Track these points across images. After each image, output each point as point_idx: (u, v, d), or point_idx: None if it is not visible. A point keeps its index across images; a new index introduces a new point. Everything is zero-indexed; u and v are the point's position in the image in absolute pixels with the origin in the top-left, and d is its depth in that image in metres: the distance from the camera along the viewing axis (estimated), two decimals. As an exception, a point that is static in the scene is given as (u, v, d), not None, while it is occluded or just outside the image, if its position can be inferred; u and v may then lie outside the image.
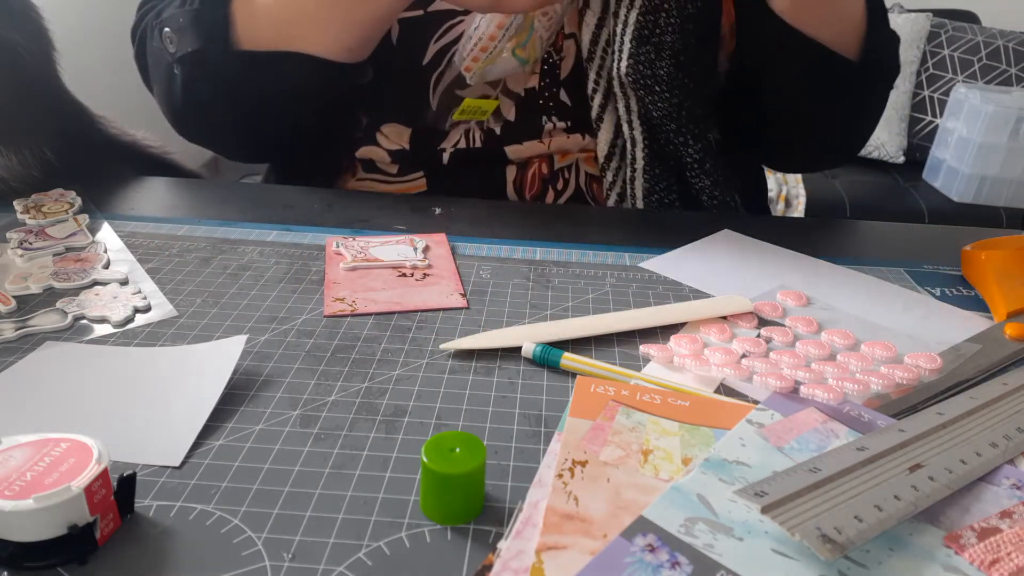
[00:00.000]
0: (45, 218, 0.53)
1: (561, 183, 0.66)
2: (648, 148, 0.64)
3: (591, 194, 0.67)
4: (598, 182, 0.66)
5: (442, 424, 0.34)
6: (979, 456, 0.31)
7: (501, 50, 0.60)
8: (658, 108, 0.62)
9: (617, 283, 0.48)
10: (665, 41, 0.61)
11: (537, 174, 0.65)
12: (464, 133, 0.64)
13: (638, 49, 0.61)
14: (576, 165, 0.66)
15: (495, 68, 0.61)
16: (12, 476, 0.26)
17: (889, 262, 0.53)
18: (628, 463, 0.30)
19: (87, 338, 0.40)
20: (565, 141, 0.65)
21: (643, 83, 0.61)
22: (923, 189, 2.06)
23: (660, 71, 0.61)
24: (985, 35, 2.21)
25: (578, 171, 0.66)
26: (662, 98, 0.62)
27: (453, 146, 0.64)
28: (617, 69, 0.62)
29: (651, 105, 0.62)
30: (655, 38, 0.61)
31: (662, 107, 0.62)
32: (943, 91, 2.17)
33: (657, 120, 0.62)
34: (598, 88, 0.63)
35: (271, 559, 0.27)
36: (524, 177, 0.65)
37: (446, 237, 0.53)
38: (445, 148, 0.64)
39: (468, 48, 0.60)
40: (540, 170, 0.65)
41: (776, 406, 0.34)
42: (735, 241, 0.55)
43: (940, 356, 0.40)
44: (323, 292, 0.45)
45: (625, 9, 0.61)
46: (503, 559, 0.26)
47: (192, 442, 0.32)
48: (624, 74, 0.61)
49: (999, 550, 0.26)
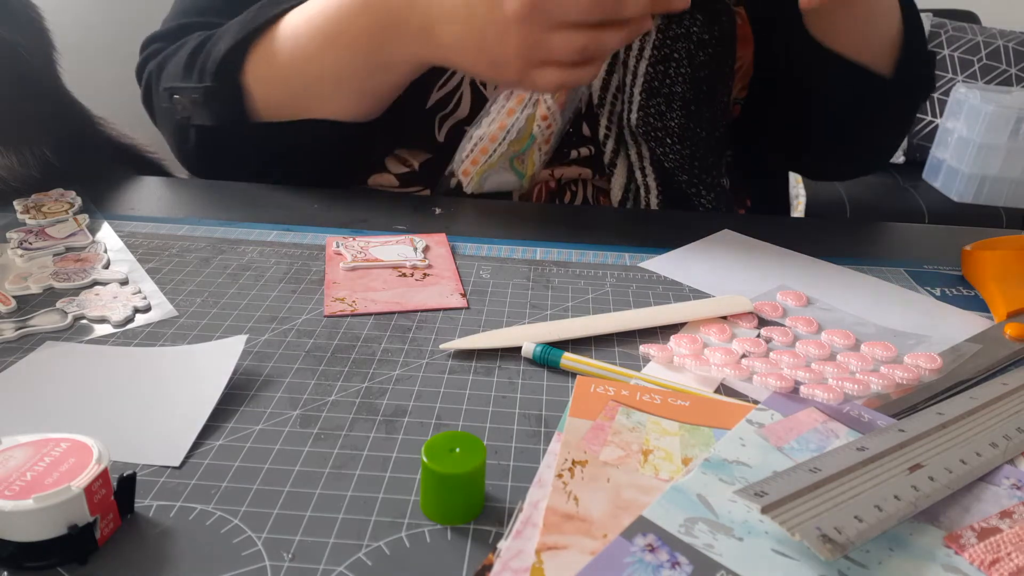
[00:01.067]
0: (45, 218, 0.53)
1: (569, 196, 0.66)
2: (662, 195, 0.63)
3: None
4: (605, 195, 0.66)
5: (442, 424, 0.34)
6: (979, 456, 0.31)
7: (499, 155, 0.59)
8: (669, 159, 0.62)
9: (617, 283, 0.48)
10: (675, 92, 0.60)
11: (544, 189, 0.65)
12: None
13: (648, 101, 0.60)
14: (578, 180, 0.66)
15: (492, 177, 0.61)
16: (12, 476, 0.26)
17: (889, 262, 0.53)
18: (628, 463, 0.30)
19: (87, 338, 0.40)
20: (582, 171, 0.64)
21: (654, 135, 0.61)
22: (923, 189, 2.06)
23: (671, 123, 0.60)
24: (985, 35, 2.21)
25: (585, 185, 0.66)
26: (673, 150, 0.61)
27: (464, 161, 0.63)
28: (627, 120, 0.61)
29: (663, 156, 0.61)
30: (665, 89, 0.60)
31: (674, 158, 0.62)
32: (943, 91, 2.17)
33: (670, 169, 0.62)
34: (610, 134, 0.62)
35: (271, 559, 0.27)
36: (530, 195, 0.65)
37: (446, 237, 0.53)
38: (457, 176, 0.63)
39: (467, 150, 0.59)
40: (547, 186, 0.65)
41: (776, 406, 0.34)
42: (735, 241, 0.55)
43: (940, 356, 0.40)
44: (323, 292, 0.45)
45: (634, 59, 0.60)
46: (503, 559, 0.26)
47: (192, 442, 0.32)
48: (635, 125, 0.60)
49: (999, 550, 0.26)
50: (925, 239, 0.59)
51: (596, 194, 0.66)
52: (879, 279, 0.50)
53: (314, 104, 0.57)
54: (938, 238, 0.59)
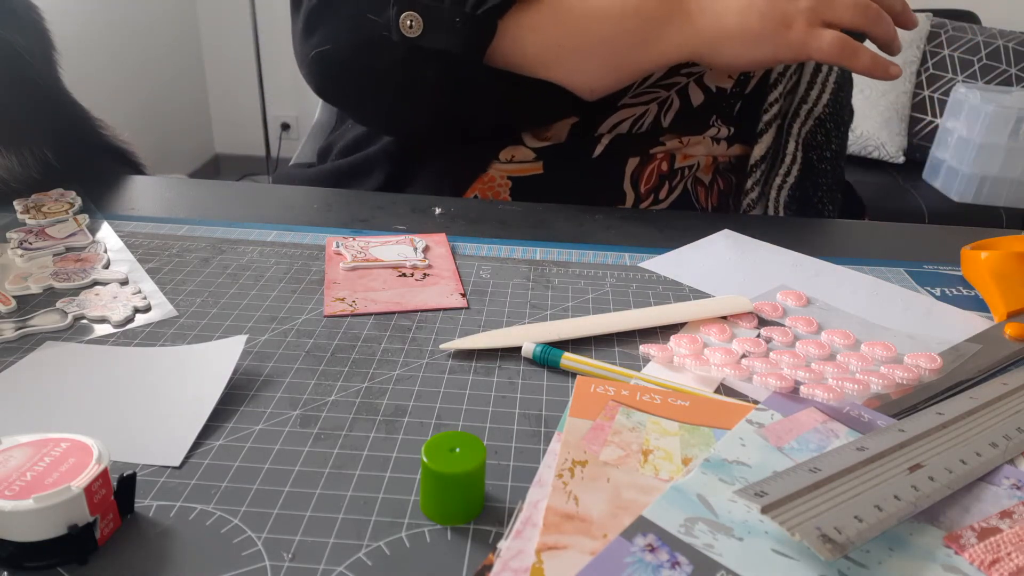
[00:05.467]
0: (45, 218, 0.53)
1: (678, 179, 0.66)
2: (801, 169, 0.68)
3: (695, 196, 0.68)
4: (704, 187, 0.68)
5: (442, 424, 0.34)
6: (979, 456, 0.31)
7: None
8: (820, 176, 0.69)
9: (617, 283, 0.48)
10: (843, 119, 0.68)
11: (656, 171, 0.65)
12: (636, 118, 0.63)
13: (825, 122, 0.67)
14: (692, 168, 0.67)
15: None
16: (12, 476, 0.26)
17: (889, 262, 0.53)
18: (628, 463, 0.30)
19: (87, 338, 0.40)
20: (713, 147, 0.66)
21: (816, 151, 0.68)
22: (923, 189, 2.06)
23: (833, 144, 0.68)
24: (985, 35, 2.21)
25: (691, 175, 0.67)
26: (822, 169, 0.69)
27: (612, 129, 0.63)
28: (798, 131, 0.67)
29: (818, 172, 0.68)
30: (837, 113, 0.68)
31: (823, 182, 0.69)
32: (943, 91, 2.17)
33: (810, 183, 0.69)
34: (767, 130, 0.66)
35: (271, 559, 0.27)
36: (643, 172, 0.65)
37: (446, 237, 0.53)
38: (603, 134, 0.63)
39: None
40: (660, 167, 0.65)
41: (776, 406, 0.34)
42: (735, 241, 0.55)
43: (940, 356, 0.40)
44: (323, 292, 0.45)
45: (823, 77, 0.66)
46: (503, 559, 0.26)
47: (192, 442, 0.32)
48: (803, 137, 0.67)
49: (999, 550, 0.26)
50: (925, 239, 0.59)
51: (695, 185, 0.68)
52: (879, 279, 0.50)
53: (559, 65, 0.56)
54: (938, 238, 0.59)
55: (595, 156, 0.63)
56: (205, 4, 2.82)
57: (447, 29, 0.54)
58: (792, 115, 0.67)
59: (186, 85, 2.83)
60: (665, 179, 0.66)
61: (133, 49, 2.41)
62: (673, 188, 0.66)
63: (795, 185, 0.68)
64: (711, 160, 0.68)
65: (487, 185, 0.65)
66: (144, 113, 2.49)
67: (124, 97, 2.35)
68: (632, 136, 0.63)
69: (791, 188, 0.68)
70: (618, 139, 0.63)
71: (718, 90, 0.64)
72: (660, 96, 0.62)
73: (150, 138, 2.52)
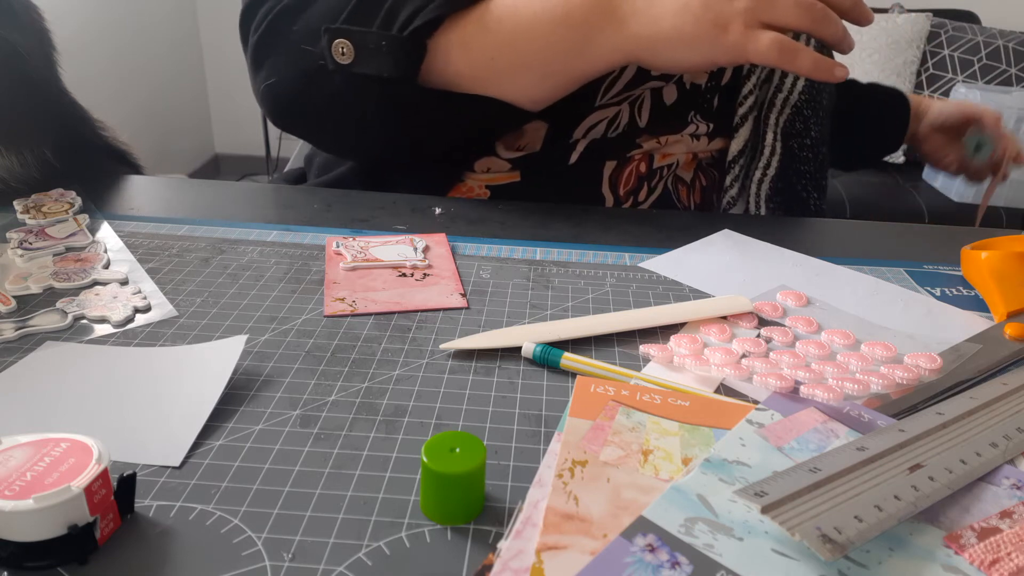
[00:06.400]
0: (45, 218, 0.53)
1: (657, 179, 0.66)
2: (781, 160, 0.68)
3: (676, 195, 0.68)
4: (685, 185, 0.68)
5: (442, 424, 0.34)
6: (979, 456, 0.31)
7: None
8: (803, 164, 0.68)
9: (617, 283, 0.48)
10: (821, 103, 0.67)
11: (635, 172, 0.65)
12: (609, 120, 0.63)
13: (802, 108, 0.67)
14: (672, 166, 0.66)
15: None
16: (12, 476, 0.26)
17: (889, 262, 0.53)
18: (628, 463, 0.30)
19: (87, 338, 0.40)
20: (693, 144, 0.66)
21: (796, 140, 0.67)
22: (923, 189, 2.06)
23: (812, 132, 0.67)
24: (985, 35, 2.21)
25: (671, 173, 0.67)
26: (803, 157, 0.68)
27: (586, 134, 0.62)
28: (775, 121, 0.66)
29: (799, 160, 0.68)
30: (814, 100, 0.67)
31: (805, 169, 0.68)
32: (943, 91, 2.17)
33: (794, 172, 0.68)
34: (744, 124, 0.66)
35: (271, 559, 0.27)
36: (621, 174, 0.65)
37: (446, 237, 0.53)
38: (578, 140, 0.63)
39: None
40: (639, 168, 0.65)
41: (776, 406, 0.34)
42: (735, 241, 0.55)
43: (940, 356, 0.40)
44: (323, 292, 0.45)
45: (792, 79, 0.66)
46: (503, 559, 0.26)
47: (192, 442, 0.32)
48: (780, 127, 0.66)
49: (999, 550, 0.26)
50: (925, 239, 0.59)
51: (676, 184, 0.68)
52: (879, 279, 0.50)
53: (495, 82, 0.55)
54: (938, 238, 0.59)
55: (572, 163, 0.63)
56: (205, 4, 2.82)
57: (377, 53, 0.54)
58: (768, 105, 0.66)
59: (186, 85, 2.83)
60: (644, 180, 0.65)
61: (133, 49, 2.41)
62: (653, 189, 0.66)
63: (777, 177, 0.67)
64: (691, 157, 0.67)
65: (465, 195, 0.65)
66: (144, 113, 2.49)
67: (124, 97, 2.35)
68: (609, 139, 0.63)
69: (773, 180, 0.67)
70: (594, 143, 0.63)
71: (692, 86, 0.63)
72: (632, 95, 0.62)
73: (150, 138, 2.52)
